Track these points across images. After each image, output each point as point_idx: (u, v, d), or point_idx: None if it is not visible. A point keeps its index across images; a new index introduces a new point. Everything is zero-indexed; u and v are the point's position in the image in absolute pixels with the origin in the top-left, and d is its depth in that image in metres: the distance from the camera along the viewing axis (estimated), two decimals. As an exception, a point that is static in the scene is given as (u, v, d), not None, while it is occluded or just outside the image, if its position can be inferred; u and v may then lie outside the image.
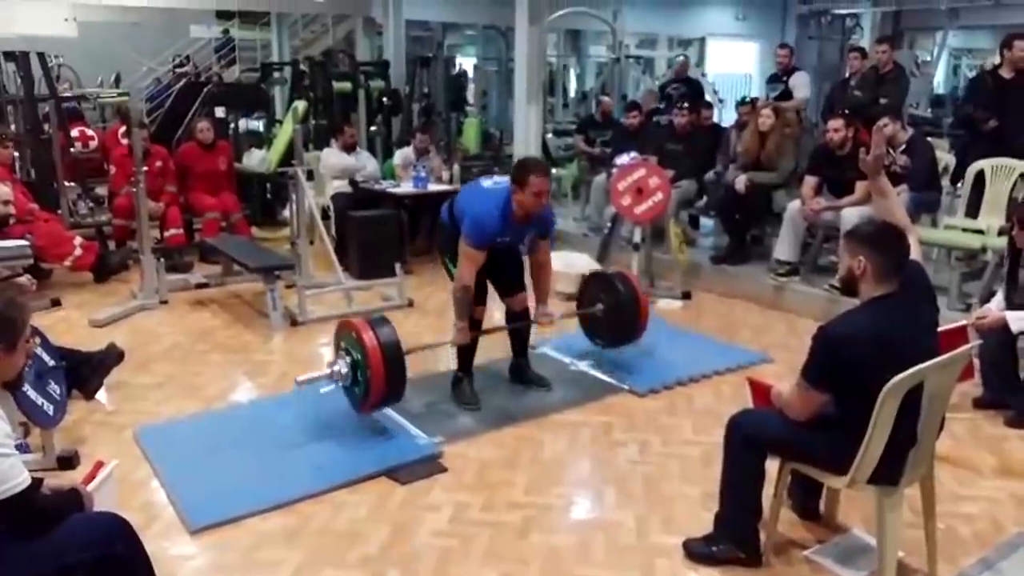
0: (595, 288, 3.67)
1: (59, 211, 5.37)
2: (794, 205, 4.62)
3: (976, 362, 3.09)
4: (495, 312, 3.67)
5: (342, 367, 2.84)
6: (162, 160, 5.50)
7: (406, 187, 5.56)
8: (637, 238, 4.77)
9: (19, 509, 1.59)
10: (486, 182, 3.22)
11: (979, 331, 3.07)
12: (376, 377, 2.73)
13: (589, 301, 3.65)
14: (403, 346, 2.82)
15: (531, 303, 3.38)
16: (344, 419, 3.07)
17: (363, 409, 2.88)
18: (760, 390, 2.35)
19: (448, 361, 3.44)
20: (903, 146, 4.63)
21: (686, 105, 5.65)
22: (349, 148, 5.95)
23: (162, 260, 4.70)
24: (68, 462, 2.65)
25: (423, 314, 4.46)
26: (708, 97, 8.27)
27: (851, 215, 4.17)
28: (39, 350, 2.73)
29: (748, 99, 5.87)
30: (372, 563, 2.22)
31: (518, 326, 3.36)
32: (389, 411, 3.13)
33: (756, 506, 2.16)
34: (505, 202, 3.02)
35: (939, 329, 2.18)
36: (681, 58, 7.61)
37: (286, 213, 5.88)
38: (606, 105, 7.05)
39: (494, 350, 3.56)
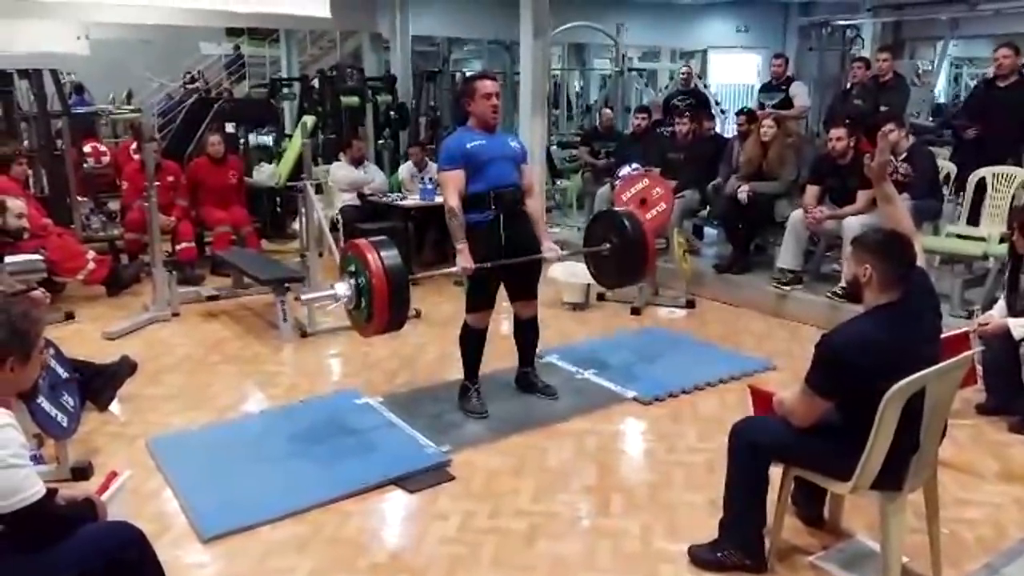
0: (602, 228, 3.57)
1: (72, 225, 5.45)
2: (797, 214, 4.65)
3: (979, 368, 3.11)
4: (503, 323, 3.71)
5: (345, 288, 2.81)
6: (173, 175, 5.58)
7: (413, 199, 5.62)
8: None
9: (34, 519, 1.62)
10: None
11: (982, 338, 3.09)
12: (380, 299, 2.69)
13: (596, 241, 3.55)
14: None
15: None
16: (353, 428, 3.11)
17: (366, 333, 2.87)
18: (761, 398, 2.37)
19: (456, 370, 3.47)
20: (905, 154, 4.67)
21: (687, 114, 5.70)
22: (357, 161, 6.04)
23: (174, 273, 4.76)
24: (82, 473, 2.69)
25: (430, 324, 4.50)
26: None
27: (853, 224, 4.20)
28: (53, 362, 2.78)
29: (746, 109, 5.92)
30: (381, 571, 2.25)
31: (527, 260, 3.15)
32: (396, 419, 3.17)
33: (760, 512, 2.17)
34: (463, 127, 3.16)
35: (942, 335, 2.20)
36: (685, 68, 7.61)
37: (295, 226, 5.93)
38: (606, 117, 7.11)
39: (501, 359, 3.59)
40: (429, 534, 2.42)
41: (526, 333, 3.39)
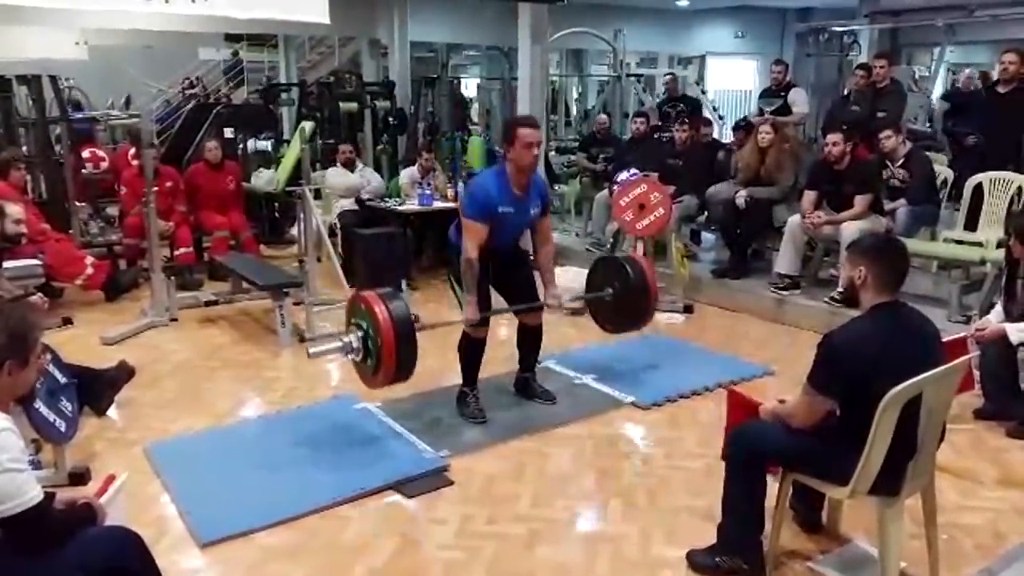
0: (604, 273, 3.59)
1: (71, 231, 5.46)
2: (794, 219, 4.67)
3: (976, 373, 3.12)
4: (501, 328, 3.71)
5: (353, 340, 2.81)
6: (172, 180, 5.59)
7: (411, 205, 5.64)
8: (639, 253, 4.83)
9: (32, 524, 1.61)
10: None
11: (979, 343, 3.10)
12: (387, 351, 2.70)
13: (598, 285, 3.56)
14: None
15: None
16: (351, 434, 3.11)
17: (373, 384, 2.86)
18: (738, 403, 2.36)
19: (455, 375, 3.47)
20: (902, 160, 4.69)
21: (686, 120, 5.73)
22: (347, 165, 6.04)
23: (172, 278, 4.77)
24: (80, 478, 2.69)
25: (429, 330, 4.50)
26: (707, 114, 8.37)
27: (850, 229, 4.21)
28: (51, 367, 2.78)
29: (743, 122, 5.95)
30: (379, 576, 2.25)
31: (524, 308, 3.26)
32: (395, 425, 3.17)
33: (759, 517, 2.18)
34: (500, 172, 3.07)
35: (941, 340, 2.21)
36: (668, 77, 7.70)
37: (294, 231, 5.95)
38: (600, 122, 7.14)
39: (499, 365, 3.59)
40: (427, 539, 2.42)
41: (530, 341, 3.39)
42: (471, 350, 3.26)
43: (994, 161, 4.66)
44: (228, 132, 6.74)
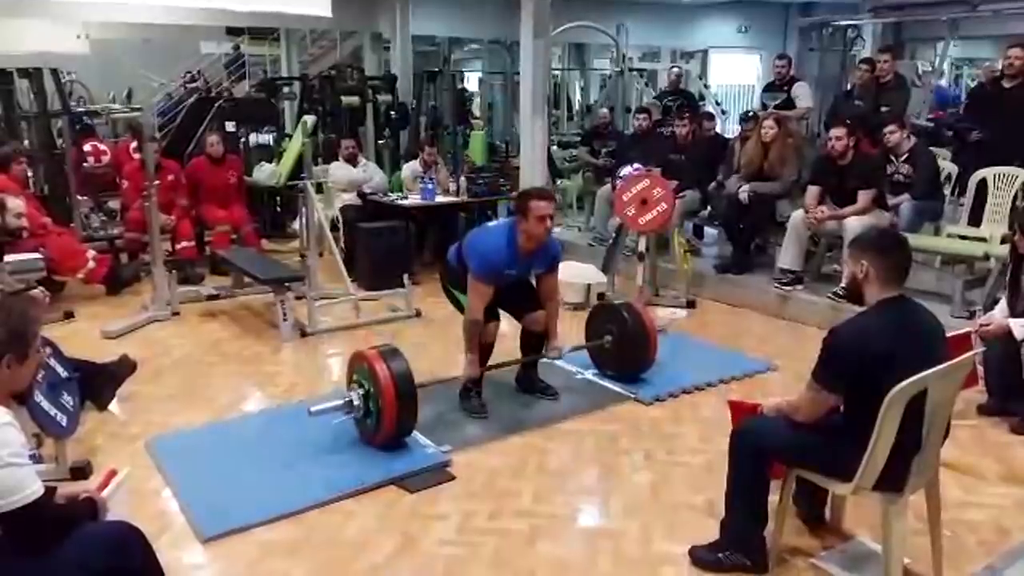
0: (604, 319, 3.64)
1: (72, 224, 5.45)
2: (798, 214, 4.65)
3: (980, 369, 3.11)
4: (504, 323, 3.70)
5: (355, 399, 2.85)
6: (174, 174, 5.58)
7: (414, 199, 5.62)
8: (641, 248, 4.81)
9: (33, 518, 1.61)
10: (491, 223, 3.35)
11: (983, 338, 3.09)
12: (388, 411, 2.76)
13: (597, 332, 3.62)
14: (415, 378, 2.85)
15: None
16: (352, 429, 3.10)
17: (374, 442, 2.88)
18: (740, 412, 2.35)
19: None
20: (906, 155, 4.67)
21: (687, 115, 5.70)
22: (350, 160, 6.02)
23: (174, 272, 4.76)
24: (81, 472, 2.69)
25: (430, 324, 4.50)
26: (710, 108, 8.35)
27: (854, 224, 4.19)
28: (53, 361, 2.77)
29: (751, 114, 5.92)
30: (379, 572, 2.25)
31: (526, 360, 3.40)
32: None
33: (762, 513, 2.17)
34: (511, 235, 3.10)
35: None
36: (676, 70, 7.72)
37: (295, 225, 5.94)
38: (599, 116, 7.11)
39: (501, 359, 3.57)
40: (428, 535, 2.42)
41: (534, 342, 3.40)
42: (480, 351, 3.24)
43: (999, 156, 4.63)
44: (230, 126, 6.72)
